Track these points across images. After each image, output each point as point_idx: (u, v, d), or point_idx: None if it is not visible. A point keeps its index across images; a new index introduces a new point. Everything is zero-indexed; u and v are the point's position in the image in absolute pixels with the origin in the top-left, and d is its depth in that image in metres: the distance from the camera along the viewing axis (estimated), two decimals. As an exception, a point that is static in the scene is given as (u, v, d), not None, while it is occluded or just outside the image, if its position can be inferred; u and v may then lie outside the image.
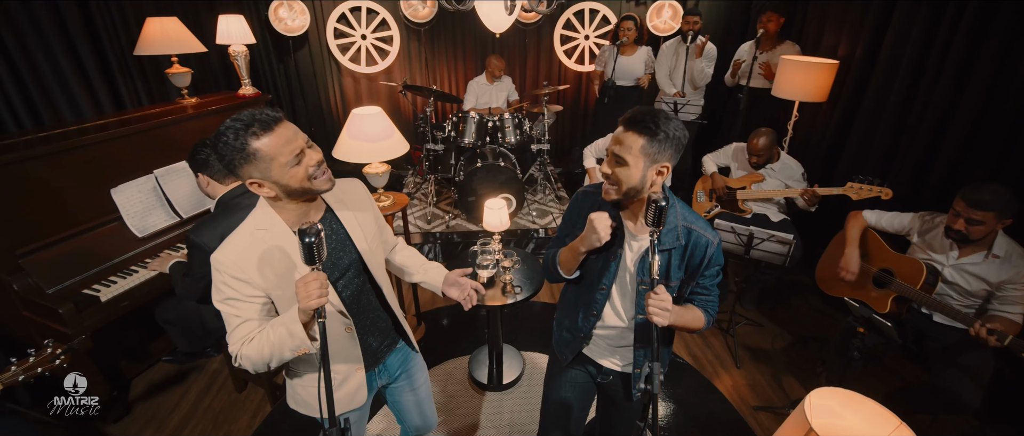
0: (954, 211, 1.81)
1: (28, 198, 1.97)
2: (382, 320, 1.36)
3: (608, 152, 1.18)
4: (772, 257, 2.47)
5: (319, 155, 1.09)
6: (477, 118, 3.59)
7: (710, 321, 1.29)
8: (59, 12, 2.38)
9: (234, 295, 1.09)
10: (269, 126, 1.01)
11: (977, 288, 1.85)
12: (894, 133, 2.62)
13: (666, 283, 1.24)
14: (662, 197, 1.05)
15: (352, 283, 1.25)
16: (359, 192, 1.33)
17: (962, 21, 2.21)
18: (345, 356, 1.28)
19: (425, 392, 1.57)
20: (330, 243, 1.20)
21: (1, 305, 2.03)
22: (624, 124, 1.15)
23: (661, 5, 4.48)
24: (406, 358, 1.49)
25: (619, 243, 1.25)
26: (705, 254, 1.21)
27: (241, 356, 1.09)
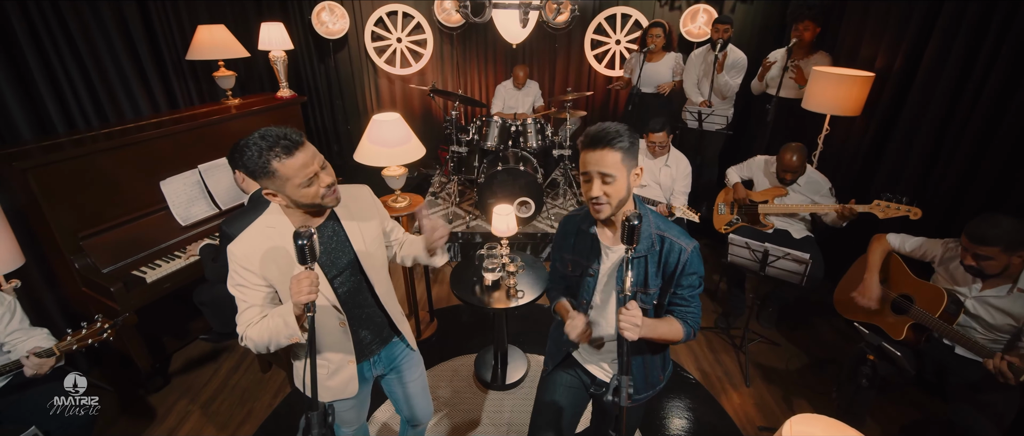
0: (962, 246, 1.72)
1: (91, 187, 2.22)
2: (377, 316, 1.46)
3: (590, 176, 1.19)
4: (788, 276, 2.41)
5: (330, 177, 1.21)
6: (500, 122, 3.67)
7: (690, 333, 1.30)
8: (123, 18, 2.64)
9: (243, 282, 1.23)
10: (290, 151, 1.12)
11: (1002, 322, 1.75)
12: (931, 152, 2.48)
13: (645, 291, 1.27)
14: (635, 215, 1.09)
15: (348, 281, 1.36)
16: (365, 199, 1.44)
17: (1007, 39, 2.07)
18: (338, 348, 1.39)
19: (417, 387, 1.65)
20: (330, 244, 1.32)
21: (65, 281, 2.30)
22: (595, 145, 1.17)
23: (696, 10, 4.39)
24: (401, 353, 1.59)
25: (595, 258, 1.29)
26: (679, 260, 1.24)
27: (246, 337, 1.23)
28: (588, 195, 1.21)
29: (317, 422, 1.06)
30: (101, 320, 1.73)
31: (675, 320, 1.29)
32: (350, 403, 1.53)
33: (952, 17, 2.32)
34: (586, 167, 1.20)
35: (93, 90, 2.51)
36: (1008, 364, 1.53)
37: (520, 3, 1.94)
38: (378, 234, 1.44)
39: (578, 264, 1.32)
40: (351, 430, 1.68)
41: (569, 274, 1.35)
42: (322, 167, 1.20)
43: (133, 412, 2.37)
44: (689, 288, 1.28)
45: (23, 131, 2.22)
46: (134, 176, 2.38)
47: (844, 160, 3.06)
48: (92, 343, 1.71)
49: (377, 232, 1.44)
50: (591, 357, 1.46)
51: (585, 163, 1.20)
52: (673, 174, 3.04)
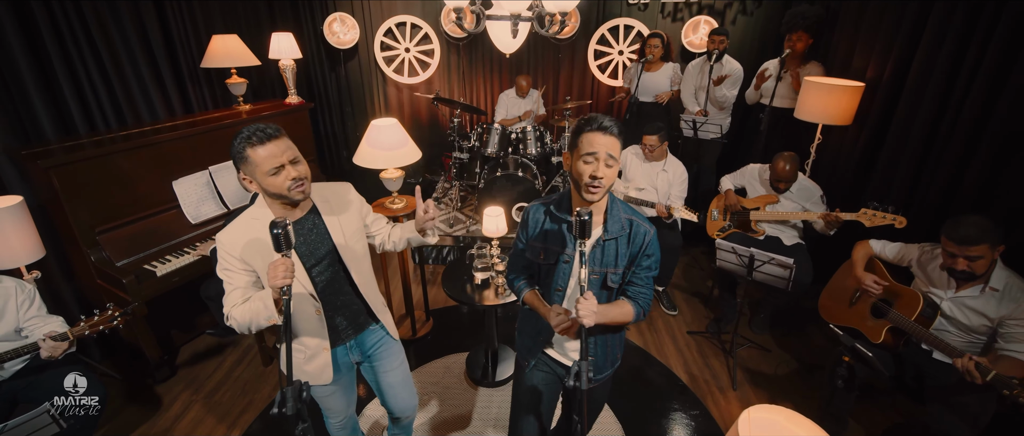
0: (948, 252, 1.75)
1: (108, 185, 2.37)
2: (354, 304, 1.55)
3: (598, 156, 1.24)
4: (775, 280, 2.45)
5: (298, 172, 1.30)
6: (500, 129, 3.78)
7: (640, 313, 1.38)
8: (143, 27, 2.82)
9: (228, 267, 1.35)
10: (263, 141, 1.25)
11: (977, 323, 1.77)
12: (919, 161, 2.51)
13: (615, 271, 1.35)
14: (586, 211, 1.17)
15: (327, 270, 1.46)
16: (346, 195, 1.54)
17: (988, 50, 2.11)
18: (314, 334, 1.48)
19: (395, 377, 1.70)
20: (310, 236, 1.42)
21: (81, 274, 2.44)
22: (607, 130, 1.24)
23: (697, 21, 4.46)
24: (377, 341, 1.65)
25: (569, 245, 1.37)
26: (643, 241, 1.34)
27: (230, 317, 1.34)
28: (590, 174, 1.24)
29: (292, 396, 1.15)
30: (112, 308, 1.85)
31: (626, 302, 1.38)
32: (330, 389, 1.60)
33: (937, 28, 2.36)
34: (594, 148, 1.23)
35: (113, 94, 2.68)
36: (975, 364, 1.56)
37: (510, 15, 2.04)
38: (358, 227, 1.54)
39: (551, 252, 1.39)
40: (338, 420, 1.76)
41: (540, 262, 1.42)
42: (293, 162, 1.30)
43: (140, 400, 2.49)
44: (646, 269, 1.37)
45: (47, 132, 2.38)
46: (149, 175, 2.52)
47: (838, 169, 3.09)
48: (103, 329, 1.83)
49: (357, 226, 1.53)
50: (561, 349, 1.52)
51: (593, 144, 1.23)
52: (670, 179, 3.10)
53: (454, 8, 2.12)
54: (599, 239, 1.34)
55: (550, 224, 1.40)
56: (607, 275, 1.35)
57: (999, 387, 1.51)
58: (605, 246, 1.34)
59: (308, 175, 1.34)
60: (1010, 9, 2.03)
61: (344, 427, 1.81)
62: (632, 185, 3.22)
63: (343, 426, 1.81)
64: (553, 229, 1.39)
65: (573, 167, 1.30)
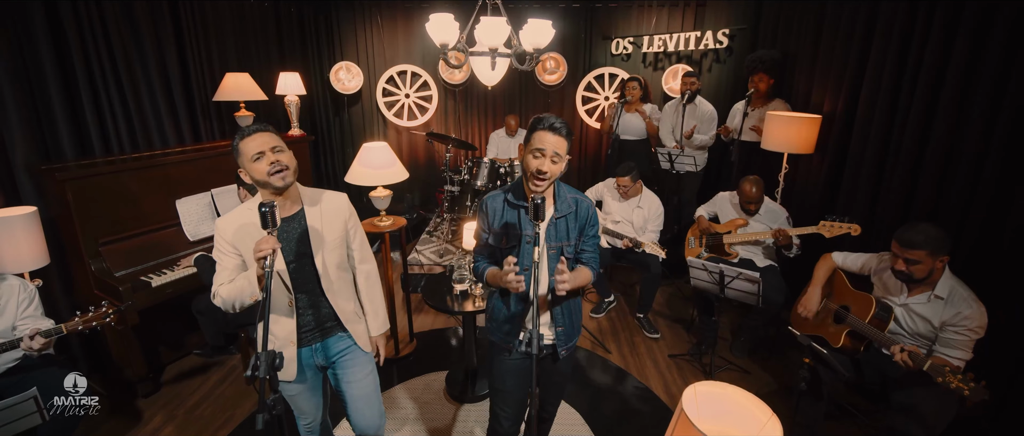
0: (893, 252, 1.87)
1: (117, 200, 2.53)
2: (323, 308, 1.60)
3: (545, 153, 1.41)
4: (745, 296, 2.54)
5: (277, 158, 1.43)
6: (489, 163, 4.00)
7: (596, 273, 1.57)
8: (164, 62, 3.12)
9: (222, 250, 1.48)
10: (250, 133, 1.43)
11: (924, 329, 1.85)
12: (875, 181, 2.68)
13: (569, 243, 1.52)
14: (539, 196, 1.32)
15: (302, 268, 1.55)
16: (337, 204, 1.63)
17: (920, 79, 2.34)
18: (284, 325, 1.54)
19: (360, 390, 1.67)
20: (293, 234, 1.53)
21: (80, 286, 2.56)
22: (552, 131, 1.41)
23: (676, 69, 4.83)
24: (344, 349, 1.66)
25: (528, 227, 1.50)
26: (588, 213, 1.54)
27: (218, 294, 1.45)
28: (537, 168, 1.41)
29: (264, 360, 1.24)
30: (107, 305, 1.95)
31: (583, 267, 1.55)
32: (297, 388, 1.64)
33: (876, 63, 2.62)
34: (542, 145, 1.41)
35: (130, 121, 2.92)
36: (909, 354, 1.63)
37: (489, 50, 2.30)
38: (339, 237, 1.62)
39: (512, 235, 1.52)
40: (307, 422, 1.78)
41: (502, 247, 1.54)
42: (274, 149, 1.43)
43: (121, 414, 2.51)
44: (593, 237, 1.57)
45: (67, 152, 2.59)
46: (154, 194, 2.70)
47: (806, 194, 3.25)
48: (96, 326, 1.92)
49: (338, 234, 1.61)
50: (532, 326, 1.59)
51: (541, 141, 1.41)
52: (645, 215, 3.26)
53: (441, 44, 2.39)
54: (552, 218, 1.51)
55: (508, 211, 1.54)
56: (563, 247, 1.52)
57: (934, 375, 1.58)
58: (557, 223, 1.51)
59: (289, 164, 1.46)
60: (932, 46, 2.28)
61: (313, 431, 1.83)
62: (609, 218, 3.38)
63: (312, 429, 1.82)
64: (511, 215, 1.53)
65: (524, 159, 1.47)
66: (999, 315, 1.80)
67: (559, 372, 1.70)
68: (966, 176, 2.14)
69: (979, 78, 2.08)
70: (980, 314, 1.74)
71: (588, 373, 2.84)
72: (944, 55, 2.25)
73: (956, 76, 2.18)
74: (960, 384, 1.52)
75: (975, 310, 1.74)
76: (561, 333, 1.60)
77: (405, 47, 5.33)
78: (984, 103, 2.05)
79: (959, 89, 2.18)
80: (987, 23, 2.07)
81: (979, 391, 1.50)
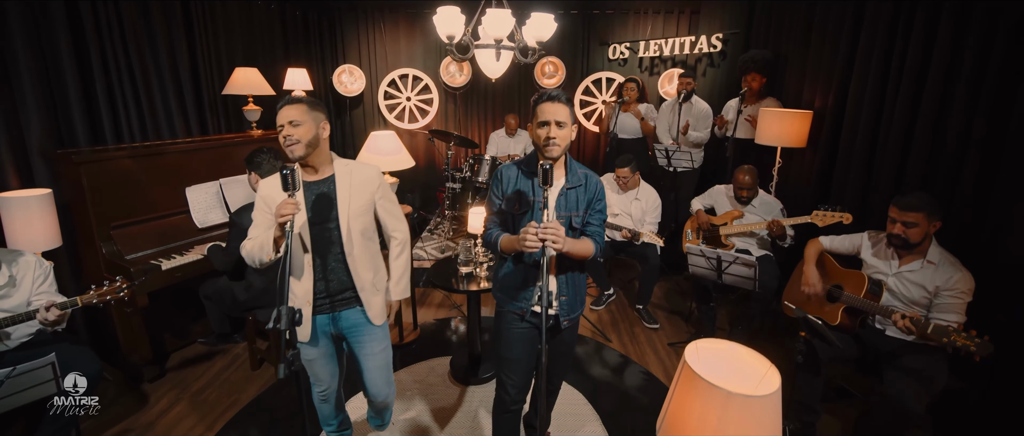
0: (891, 219, 1.96)
1: (129, 186, 2.59)
2: (341, 277, 1.67)
3: (549, 122, 1.51)
4: (742, 281, 2.61)
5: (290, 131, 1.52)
6: (490, 160, 4.09)
7: (598, 249, 1.61)
8: (175, 61, 3.20)
9: (259, 206, 1.62)
10: (280, 107, 1.55)
11: (918, 296, 1.93)
12: (865, 174, 2.78)
13: (577, 214, 1.59)
14: (548, 162, 1.41)
15: (325, 234, 1.63)
16: (368, 174, 1.71)
17: (905, 73, 2.46)
18: (302, 287, 1.63)
19: (374, 364, 1.78)
20: (319, 198, 1.62)
21: (89, 266, 2.59)
22: (552, 100, 1.51)
23: (671, 73, 4.98)
24: (359, 323, 1.73)
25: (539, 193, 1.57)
26: (597, 188, 1.62)
27: (244, 247, 1.57)
28: (546, 136, 1.51)
29: (286, 314, 1.30)
30: (120, 281, 1.99)
31: (588, 239, 1.60)
32: (313, 353, 1.72)
33: (863, 61, 2.74)
34: (544, 117, 1.51)
35: (141, 113, 2.99)
36: (911, 320, 1.71)
37: (495, 41, 2.40)
38: (366, 205, 1.69)
39: (524, 201, 1.60)
40: (322, 390, 1.85)
41: (515, 212, 1.61)
42: (292, 123, 1.52)
43: (127, 398, 2.53)
44: (599, 213, 1.63)
45: (80, 139, 2.65)
46: (165, 181, 2.75)
47: (799, 187, 3.35)
48: (110, 300, 1.95)
49: (365, 203, 1.68)
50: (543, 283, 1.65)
51: (543, 113, 1.52)
52: (643, 206, 3.35)
53: (447, 37, 2.49)
54: (563, 188, 1.59)
55: (522, 179, 1.62)
56: (571, 218, 1.60)
57: (939, 336, 1.65)
58: (568, 194, 1.59)
59: (301, 138, 1.54)
60: (914, 43, 2.40)
61: (327, 399, 1.89)
62: (608, 211, 3.46)
63: (326, 398, 1.88)
64: (525, 183, 1.61)
65: (533, 133, 1.57)
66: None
67: (563, 342, 1.76)
68: (949, 166, 2.24)
69: (958, 74, 2.20)
70: (969, 278, 1.83)
71: (590, 359, 2.88)
72: (926, 52, 2.37)
73: (938, 72, 2.29)
74: (966, 341, 1.59)
75: (964, 274, 1.84)
76: (564, 303, 1.66)
77: (407, 51, 5.45)
78: (964, 97, 2.16)
79: (941, 84, 2.29)
80: (964, 21, 2.19)
81: (985, 346, 1.57)
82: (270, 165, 2.51)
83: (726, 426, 1.23)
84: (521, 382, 1.72)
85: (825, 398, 2.46)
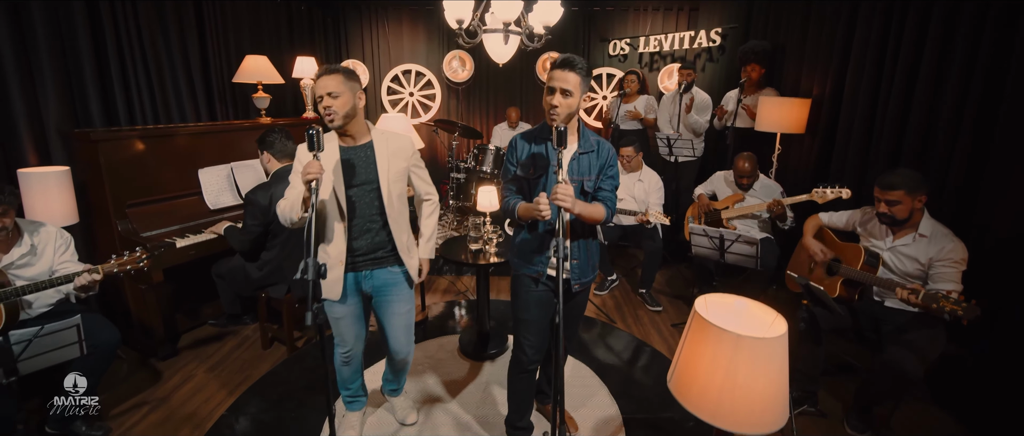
0: (875, 197, 2.04)
1: (143, 165, 2.63)
2: (379, 235, 1.77)
3: (555, 89, 1.55)
4: (744, 260, 2.68)
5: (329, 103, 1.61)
6: (494, 149, 4.16)
7: (609, 214, 1.66)
8: (186, 50, 3.26)
9: (296, 168, 1.69)
10: (319, 76, 1.63)
11: (912, 268, 2.00)
12: (863, 157, 2.86)
13: (590, 179, 1.66)
14: (561, 124, 1.47)
15: (365, 195, 1.72)
16: (403, 142, 1.81)
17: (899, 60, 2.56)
18: (336, 246, 1.72)
19: (399, 322, 1.90)
20: (360, 162, 1.71)
21: (105, 244, 2.63)
22: (563, 67, 1.54)
23: (671, 69, 5.08)
24: (393, 282, 1.84)
25: (552, 157, 1.63)
26: (608, 154, 1.68)
27: (279, 208, 1.67)
28: (549, 104, 1.56)
29: (312, 266, 1.37)
30: (140, 251, 2.04)
31: (599, 204, 1.66)
32: (343, 311, 1.79)
33: (859, 50, 2.83)
34: (552, 83, 1.54)
35: (153, 98, 3.04)
36: (911, 291, 1.77)
37: (503, 24, 2.48)
38: (402, 171, 1.80)
39: (539, 166, 1.66)
40: (345, 351, 1.91)
41: (530, 177, 1.68)
42: (330, 95, 1.61)
43: (142, 373, 2.56)
44: (611, 179, 1.69)
45: (95, 121, 2.70)
46: (178, 163, 2.80)
47: (798, 172, 3.44)
48: (130, 269, 2.01)
49: (402, 169, 1.79)
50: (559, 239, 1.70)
51: (552, 79, 1.55)
52: (646, 188, 3.42)
53: (457, 21, 2.56)
54: (575, 153, 1.65)
55: (535, 146, 1.68)
56: (583, 182, 1.66)
57: (930, 302, 1.71)
58: (580, 159, 1.65)
59: (339, 109, 1.63)
60: (908, 30, 2.50)
61: (348, 362, 1.95)
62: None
63: (347, 360, 1.94)
64: (538, 149, 1.67)
65: (544, 98, 1.62)
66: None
67: (576, 305, 1.83)
68: (943, 147, 2.32)
69: (951, 59, 2.29)
70: (962, 247, 1.90)
71: (597, 338, 2.94)
72: (919, 39, 2.46)
73: (931, 58, 2.38)
74: (953, 306, 1.66)
75: (957, 243, 1.91)
76: (576, 266, 1.72)
77: (410, 48, 5.53)
78: (956, 82, 2.25)
79: (934, 69, 2.38)
80: (956, 9, 2.29)
81: (971, 309, 1.64)
82: (282, 145, 2.58)
83: (737, 368, 1.29)
84: (537, 342, 1.78)
85: (827, 372, 2.53)
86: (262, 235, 2.51)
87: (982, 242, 2.11)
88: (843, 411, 2.26)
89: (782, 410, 1.34)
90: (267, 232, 2.51)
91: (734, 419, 1.32)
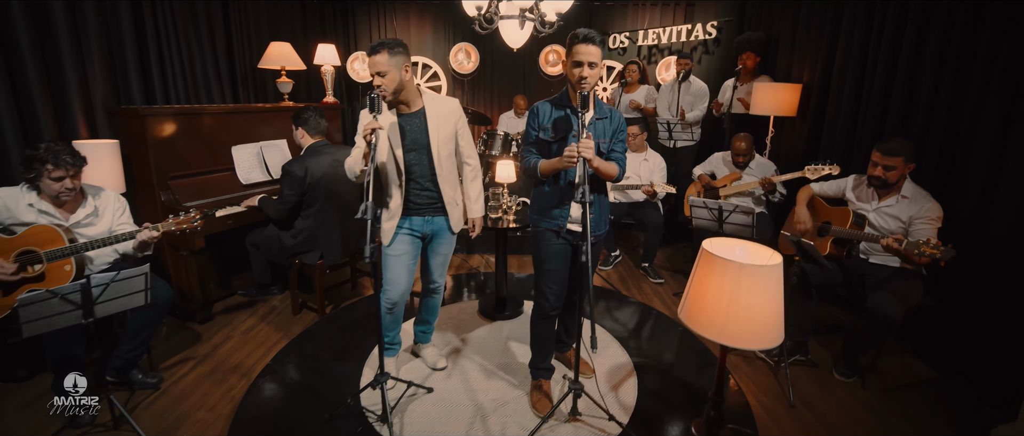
0: (872, 162, 2.28)
1: (185, 140, 2.80)
2: (430, 191, 2.03)
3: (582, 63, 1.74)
4: (742, 230, 2.91)
5: (379, 81, 1.83)
6: (503, 135, 4.36)
7: (620, 172, 1.90)
8: (213, 38, 3.45)
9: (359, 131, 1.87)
10: (369, 54, 1.83)
11: (895, 226, 2.24)
12: (849, 136, 3.11)
13: (605, 142, 1.88)
14: (586, 90, 1.70)
15: (418, 157, 1.97)
16: (450, 106, 2.04)
17: (882, 45, 2.80)
18: (394, 200, 1.97)
19: (441, 260, 2.21)
20: (414, 127, 1.95)
21: (148, 214, 2.80)
22: (588, 42, 1.74)
23: (668, 61, 5.31)
24: (442, 229, 2.13)
25: (574, 121, 1.85)
26: (620, 120, 1.91)
27: (346, 163, 1.92)
28: (580, 75, 1.74)
29: (370, 209, 1.60)
30: (194, 211, 2.22)
31: (613, 163, 1.90)
32: (400, 249, 2.04)
33: (846, 38, 3.08)
34: (579, 57, 1.73)
35: (186, 80, 3.24)
36: (895, 240, 2.01)
37: (520, 10, 2.69)
38: (450, 133, 2.03)
39: (560, 129, 1.87)
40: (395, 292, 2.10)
41: (552, 140, 1.88)
42: (380, 74, 1.83)
43: (182, 334, 2.74)
44: (621, 142, 1.93)
45: (136, 99, 2.88)
46: (215, 140, 2.97)
47: (790, 154, 3.68)
48: (185, 229, 2.19)
49: (450, 132, 2.02)
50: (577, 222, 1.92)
51: (578, 54, 1.73)
52: (651, 167, 3.65)
53: (476, 7, 2.77)
54: (593, 118, 1.87)
55: (556, 112, 1.89)
56: (599, 144, 1.88)
57: (911, 250, 1.96)
58: (596, 124, 1.87)
59: (388, 86, 1.85)
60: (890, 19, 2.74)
61: (391, 310, 2.15)
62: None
63: (391, 308, 2.14)
64: (560, 115, 1.88)
65: (568, 69, 1.82)
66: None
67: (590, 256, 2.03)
68: (922, 122, 2.57)
69: (927, 42, 2.53)
70: (938, 206, 2.16)
71: (605, 305, 3.15)
72: (899, 26, 2.70)
73: (910, 43, 2.62)
74: (933, 250, 1.91)
75: (933, 203, 2.17)
76: (591, 219, 1.92)
77: (417, 40, 5.71)
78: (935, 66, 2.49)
79: (913, 53, 2.63)
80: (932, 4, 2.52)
81: (948, 251, 1.89)
82: (316, 122, 2.77)
83: (739, 293, 1.51)
84: (558, 290, 1.99)
85: (817, 332, 2.77)
86: (297, 205, 2.69)
87: (957, 207, 2.35)
88: (832, 361, 2.49)
89: (779, 329, 1.56)
90: (301, 202, 2.70)
91: (738, 337, 1.54)
